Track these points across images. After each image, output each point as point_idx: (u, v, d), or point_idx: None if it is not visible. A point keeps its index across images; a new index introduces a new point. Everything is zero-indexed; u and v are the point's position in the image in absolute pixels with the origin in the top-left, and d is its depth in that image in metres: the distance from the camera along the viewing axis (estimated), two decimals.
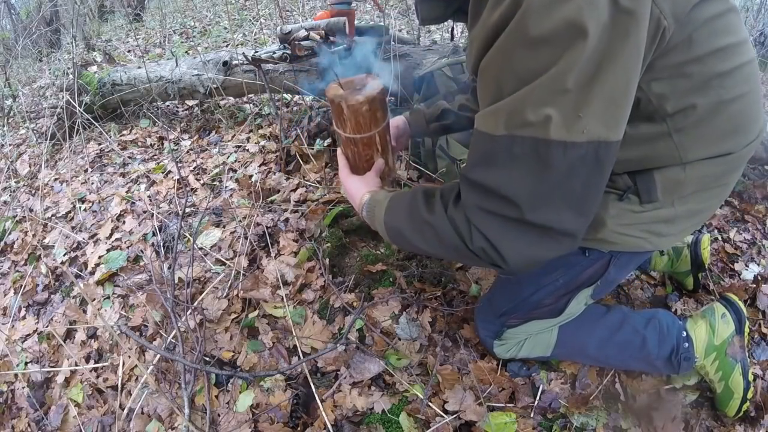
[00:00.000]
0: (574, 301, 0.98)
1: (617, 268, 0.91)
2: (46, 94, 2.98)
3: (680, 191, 0.78)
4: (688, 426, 1.05)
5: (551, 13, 0.54)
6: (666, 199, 0.79)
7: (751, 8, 3.85)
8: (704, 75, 0.68)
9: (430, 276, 1.35)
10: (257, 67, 2.02)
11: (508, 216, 0.63)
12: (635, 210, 0.81)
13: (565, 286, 0.95)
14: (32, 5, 4.74)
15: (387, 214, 0.83)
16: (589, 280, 0.94)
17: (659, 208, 0.80)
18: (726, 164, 0.78)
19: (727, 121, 0.73)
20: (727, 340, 1.04)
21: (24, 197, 2.15)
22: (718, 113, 0.71)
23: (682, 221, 0.83)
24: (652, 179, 0.78)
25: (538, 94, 0.57)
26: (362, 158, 0.97)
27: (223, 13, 4.61)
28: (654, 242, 0.85)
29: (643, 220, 0.81)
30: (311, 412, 1.11)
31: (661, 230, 0.83)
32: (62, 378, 1.32)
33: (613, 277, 0.93)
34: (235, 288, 1.37)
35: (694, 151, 0.74)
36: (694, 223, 0.87)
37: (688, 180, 0.77)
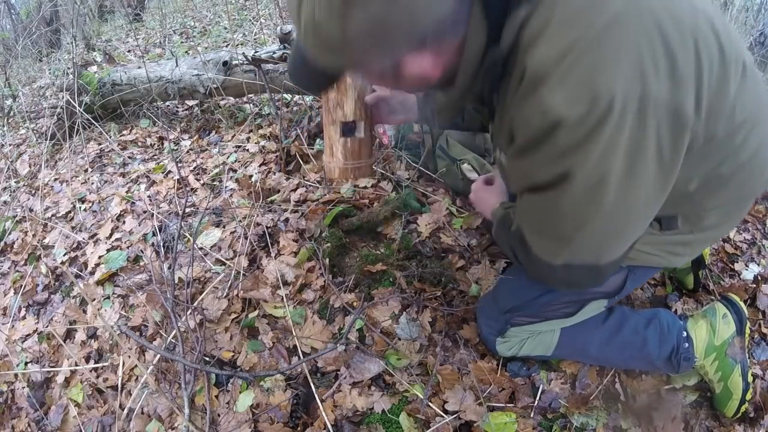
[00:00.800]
0: (588, 307, 1.00)
1: (632, 281, 0.95)
2: (46, 94, 2.98)
3: (700, 224, 0.84)
4: (688, 426, 1.05)
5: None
6: (686, 228, 0.84)
7: (751, 8, 3.85)
8: (722, 154, 0.72)
9: (430, 276, 1.35)
10: (257, 67, 2.02)
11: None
12: (655, 233, 0.85)
13: (578, 294, 0.97)
14: (32, 5, 4.74)
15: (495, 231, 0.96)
16: (605, 294, 0.97)
17: (678, 234, 0.85)
18: (747, 201, 0.86)
19: (745, 176, 0.78)
20: (727, 341, 1.04)
21: (24, 197, 2.15)
22: (735, 175, 0.76)
23: (699, 244, 0.89)
24: (675, 217, 0.83)
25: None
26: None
27: (223, 13, 4.61)
28: (670, 260, 0.90)
29: (662, 242, 0.86)
30: (311, 412, 1.11)
31: (678, 251, 0.88)
32: (62, 378, 1.32)
33: (628, 289, 0.97)
34: (235, 288, 1.37)
35: (715, 202, 0.80)
36: (709, 243, 0.95)
37: (709, 217, 0.82)
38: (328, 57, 0.63)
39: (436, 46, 0.62)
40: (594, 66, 0.56)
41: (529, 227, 0.77)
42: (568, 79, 0.57)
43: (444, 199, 1.56)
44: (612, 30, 0.56)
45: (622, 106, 0.56)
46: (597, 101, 0.56)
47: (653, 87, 0.57)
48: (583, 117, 0.57)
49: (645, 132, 0.58)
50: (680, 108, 0.59)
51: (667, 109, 0.58)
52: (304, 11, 0.58)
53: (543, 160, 0.64)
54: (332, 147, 0.96)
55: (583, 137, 0.58)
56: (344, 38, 0.57)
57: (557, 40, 0.58)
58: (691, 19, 0.60)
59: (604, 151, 0.59)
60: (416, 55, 0.62)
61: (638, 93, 0.56)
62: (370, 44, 0.58)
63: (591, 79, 0.56)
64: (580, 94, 0.57)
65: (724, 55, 0.63)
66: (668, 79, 0.57)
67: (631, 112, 0.57)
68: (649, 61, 0.56)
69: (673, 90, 0.58)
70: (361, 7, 0.54)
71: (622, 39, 0.56)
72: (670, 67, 0.57)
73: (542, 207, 0.71)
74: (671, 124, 0.59)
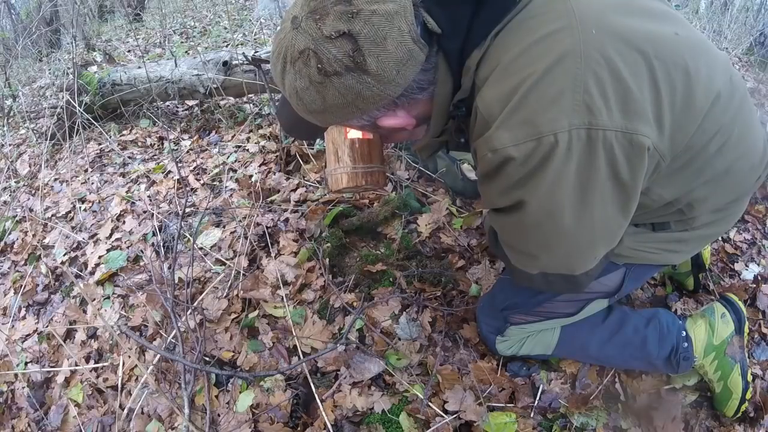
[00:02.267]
0: (589, 306, 1.00)
1: (631, 280, 0.95)
2: (46, 94, 2.98)
3: (693, 224, 0.85)
4: (688, 426, 1.05)
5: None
6: (679, 228, 0.86)
7: (751, 8, 3.85)
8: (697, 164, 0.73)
9: (430, 276, 1.35)
10: (257, 67, 2.02)
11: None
12: (648, 233, 0.87)
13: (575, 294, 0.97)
14: (32, 5, 4.74)
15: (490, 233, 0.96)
16: (605, 293, 0.97)
17: (672, 232, 0.86)
18: (738, 202, 0.86)
19: (729, 181, 0.79)
20: (726, 340, 1.04)
21: (24, 197, 2.15)
22: (717, 182, 0.78)
23: (695, 241, 0.90)
24: (666, 222, 0.86)
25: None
26: None
27: (223, 13, 4.61)
28: (668, 258, 0.91)
29: (658, 240, 0.87)
30: (311, 412, 1.11)
31: (675, 248, 0.89)
32: (62, 378, 1.32)
33: (627, 289, 0.98)
34: (235, 288, 1.37)
35: (703, 208, 0.82)
36: (707, 241, 0.94)
37: (700, 219, 0.84)
38: (310, 117, 0.70)
39: (407, 105, 0.68)
40: (537, 106, 0.60)
41: (502, 240, 0.81)
42: (514, 120, 0.61)
43: (444, 199, 1.56)
44: (556, 69, 0.59)
45: (567, 140, 0.59)
46: (541, 139, 0.60)
47: (602, 119, 0.59)
48: (529, 154, 0.61)
49: (595, 161, 0.61)
50: (635, 135, 0.61)
51: (621, 137, 0.60)
52: (287, 79, 0.65)
53: (498, 190, 0.69)
54: (337, 152, 0.89)
55: (531, 171, 0.62)
56: (323, 105, 0.65)
57: (503, 82, 0.62)
58: (650, 47, 0.62)
59: (553, 182, 0.63)
60: (391, 115, 0.69)
61: (585, 126, 0.59)
62: (347, 110, 0.65)
63: (535, 118, 0.60)
64: (525, 132, 0.60)
65: (688, 73, 0.65)
66: (619, 110, 0.60)
67: (578, 144, 0.60)
68: (597, 94, 0.59)
69: (625, 119, 0.60)
70: (336, 81, 0.61)
71: (566, 76, 0.59)
72: (621, 98, 0.60)
73: (507, 227, 0.77)
74: (626, 150, 0.61)
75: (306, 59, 0.61)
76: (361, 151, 0.88)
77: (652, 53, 0.62)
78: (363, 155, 0.89)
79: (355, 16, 0.59)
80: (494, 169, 0.65)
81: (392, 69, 0.61)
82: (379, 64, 0.60)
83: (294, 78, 0.64)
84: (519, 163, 0.62)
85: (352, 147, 0.88)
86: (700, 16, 3.86)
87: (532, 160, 0.61)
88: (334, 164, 0.90)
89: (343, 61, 0.60)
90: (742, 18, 3.64)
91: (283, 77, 0.66)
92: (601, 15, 0.63)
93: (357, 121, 0.69)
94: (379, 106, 0.66)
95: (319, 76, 0.61)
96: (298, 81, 0.63)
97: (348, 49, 0.59)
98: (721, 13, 3.71)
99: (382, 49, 0.60)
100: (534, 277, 0.78)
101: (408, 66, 0.62)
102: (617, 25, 0.63)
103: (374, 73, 0.61)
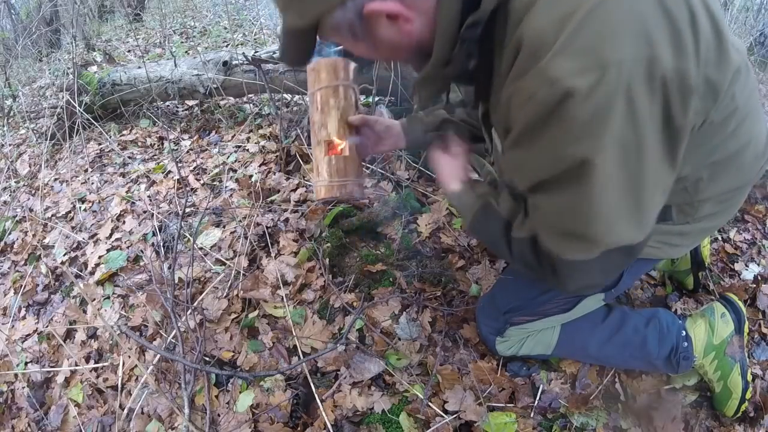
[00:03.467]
0: (585, 301, 0.99)
1: (630, 274, 0.94)
2: (46, 94, 2.98)
3: (695, 215, 0.82)
4: (688, 426, 1.05)
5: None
6: (680, 219, 0.83)
7: (751, 8, 3.85)
8: (714, 141, 0.71)
9: (430, 276, 1.35)
10: (257, 67, 2.01)
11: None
12: None
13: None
14: (32, 5, 4.74)
15: (472, 225, 0.86)
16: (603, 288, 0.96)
17: (674, 224, 0.84)
18: (740, 191, 0.84)
19: (737, 165, 0.77)
20: (726, 340, 1.04)
21: (24, 197, 2.15)
22: (727, 163, 0.75)
23: (695, 234, 0.88)
24: (669, 208, 0.82)
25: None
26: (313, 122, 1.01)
27: (223, 13, 4.61)
28: (667, 251, 0.89)
29: (658, 232, 0.83)
30: (311, 412, 1.11)
31: (675, 241, 0.87)
32: (62, 378, 1.32)
33: (625, 283, 0.96)
34: (235, 288, 1.37)
35: (709, 192, 0.79)
36: (706, 234, 0.93)
37: (703, 207, 0.81)
38: (292, 11, 0.62)
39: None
40: (599, 32, 0.53)
41: (555, 232, 0.67)
42: (574, 47, 0.53)
43: (444, 199, 1.56)
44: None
45: (630, 70, 0.53)
46: (607, 69, 0.52)
47: (660, 53, 0.54)
48: (595, 86, 0.53)
49: (655, 95, 0.55)
50: (685, 74, 0.56)
51: (675, 74, 0.55)
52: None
53: (554, 147, 0.58)
54: (318, 167, 1.00)
55: (598, 110, 0.54)
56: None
57: (555, 8, 0.55)
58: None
59: (623, 122, 0.55)
60: (379, 4, 0.59)
61: (646, 56, 0.53)
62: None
63: (597, 47, 0.53)
64: (588, 61, 0.53)
65: (720, 37, 0.61)
66: (672, 46, 0.55)
67: (641, 76, 0.54)
68: (654, 27, 0.54)
69: (677, 56, 0.55)
70: None
71: (624, 5, 0.54)
72: (672, 34, 0.55)
73: (567, 204, 0.62)
74: (679, 88, 0.56)
75: None
76: (336, 166, 0.98)
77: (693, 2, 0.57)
78: (339, 170, 0.98)
79: None
80: (550, 113, 0.55)
81: None
82: None
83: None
84: (583, 98, 0.53)
85: (329, 163, 0.98)
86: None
87: (596, 95, 0.53)
88: (315, 177, 1.01)
89: None
90: (742, 18, 3.64)
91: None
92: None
93: (342, 14, 0.61)
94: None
95: None
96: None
97: None
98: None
99: None
100: (590, 265, 0.66)
101: None
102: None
103: None
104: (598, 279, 0.71)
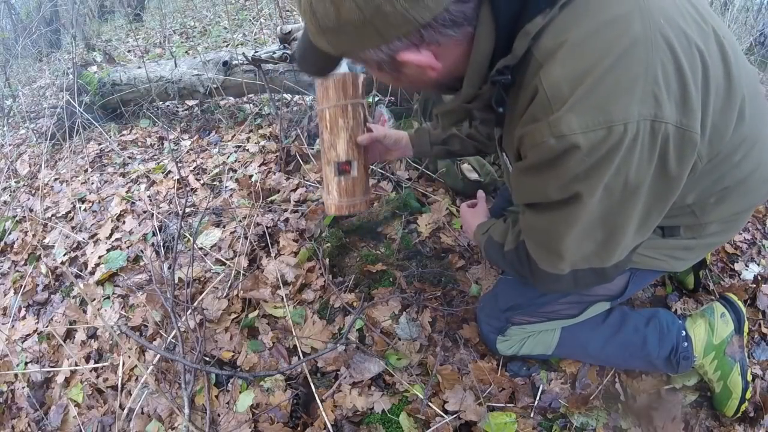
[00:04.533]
0: (591, 308, 1.00)
1: (635, 284, 0.96)
2: (46, 94, 2.98)
3: (702, 233, 0.85)
4: (688, 426, 1.05)
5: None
6: (687, 235, 0.86)
7: (751, 8, 3.85)
8: (721, 170, 0.73)
9: (430, 276, 1.35)
10: (257, 67, 2.02)
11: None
12: (657, 239, 0.87)
13: (580, 295, 0.97)
14: (32, 5, 4.74)
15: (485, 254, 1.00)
16: (609, 296, 0.98)
17: (681, 239, 0.86)
18: (747, 212, 0.87)
19: (745, 190, 0.79)
20: (726, 340, 1.04)
21: (24, 197, 2.15)
22: (734, 190, 0.78)
23: (701, 249, 0.90)
24: (677, 227, 0.85)
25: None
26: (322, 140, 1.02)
27: (223, 13, 4.61)
28: (672, 264, 0.91)
29: (665, 246, 0.87)
30: (311, 412, 1.11)
31: (681, 255, 0.89)
32: (62, 378, 1.32)
33: (630, 292, 0.98)
34: (235, 288, 1.37)
35: (716, 215, 0.82)
36: (711, 248, 0.95)
37: (710, 227, 0.84)
38: (323, 40, 0.62)
39: (435, 45, 0.60)
40: (611, 92, 0.56)
41: (533, 243, 0.77)
42: (585, 105, 0.56)
43: (444, 199, 1.56)
44: (629, 55, 0.56)
45: (635, 131, 0.57)
46: (613, 128, 0.56)
47: (666, 111, 0.57)
48: (598, 143, 0.57)
49: (653, 151, 0.59)
50: (688, 132, 0.59)
51: (676, 132, 0.58)
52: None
53: (554, 182, 0.63)
54: (328, 185, 1.02)
55: (596, 163, 0.59)
56: (338, 22, 0.57)
57: (574, 62, 0.57)
58: (703, 45, 0.61)
59: (615, 174, 0.60)
60: (413, 51, 0.60)
61: (651, 117, 0.57)
62: (364, 31, 0.57)
63: (607, 106, 0.56)
64: (597, 120, 0.56)
65: (731, 80, 0.64)
66: (678, 104, 0.58)
67: (643, 136, 0.57)
68: (663, 84, 0.57)
69: (682, 114, 0.58)
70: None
71: (639, 64, 0.56)
72: (681, 92, 0.58)
73: (549, 224, 0.71)
74: (678, 145, 0.60)
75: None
76: (346, 187, 1.01)
77: (706, 51, 0.60)
78: (348, 191, 1.01)
79: None
80: (554, 159, 0.60)
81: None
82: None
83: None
84: (584, 154, 0.58)
85: (339, 184, 1.01)
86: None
87: (599, 150, 0.57)
88: (326, 194, 1.05)
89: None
90: (742, 18, 3.64)
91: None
92: (664, 2, 0.61)
93: (374, 53, 0.61)
94: (401, 33, 0.57)
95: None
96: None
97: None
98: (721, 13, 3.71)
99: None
100: (563, 277, 0.75)
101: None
102: (677, 16, 0.60)
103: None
104: (569, 288, 0.80)
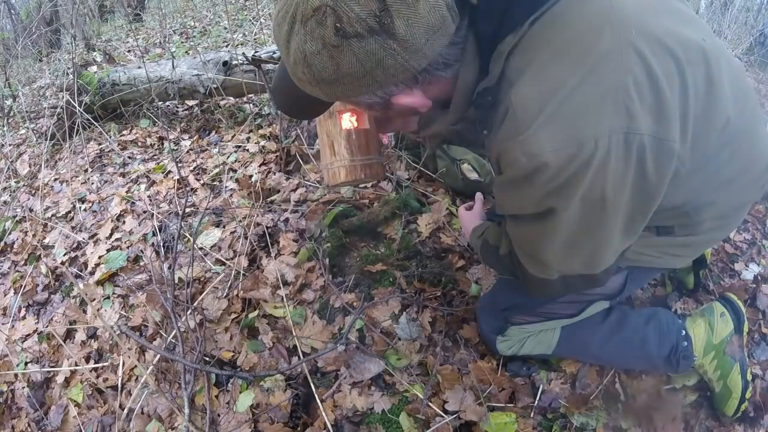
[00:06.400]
0: (590, 308, 1.00)
1: (633, 282, 0.96)
2: (46, 94, 2.98)
3: (696, 229, 0.84)
4: (688, 426, 1.05)
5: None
6: (682, 232, 0.85)
7: (751, 8, 3.85)
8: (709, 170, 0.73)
9: (430, 276, 1.35)
10: (257, 67, 2.02)
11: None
12: (652, 236, 0.86)
13: (579, 295, 0.97)
14: (32, 5, 4.74)
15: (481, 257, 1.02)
16: (607, 295, 0.97)
17: (676, 236, 0.85)
18: (741, 209, 0.87)
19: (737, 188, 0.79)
20: (725, 339, 1.04)
21: (24, 197, 2.15)
22: (725, 188, 0.77)
23: (699, 245, 0.89)
24: (671, 226, 0.85)
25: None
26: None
27: (223, 13, 4.60)
28: (670, 261, 0.90)
29: (661, 244, 0.87)
30: (311, 412, 1.11)
31: (678, 252, 0.89)
32: (62, 378, 1.32)
33: (629, 291, 0.98)
34: (235, 288, 1.37)
35: (710, 213, 0.81)
36: (709, 245, 0.95)
37: (704, 223, 0.83)
38: (316, 89, 0.61)
39: (427, 84, 0.61)
40: (579, 109, 0.57)
41: (520, 251, 0.79)
42: (554, 124, 0.57)
43: (444, 199, 1.56)
44: (597, 71, 0.57)
45: (607, 146, 0.57)
46: (583, 146, 0.57)
47: (639, 123, 0.57)
48: (568, 161, 0.57)
49: (629, 163, 0.59)
50: (665, 141, 0.60)
51: (653, 141, 0.59)
52: (294, 42, 0.56)
53: (528, 198, 0.65)
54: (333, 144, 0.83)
55: (567, 180, 0.59)
56: (336, 75, 0.56)
57: (542, 80, 0.58)
58: (681, 51, 0.61)
59: (588, 188, 0.60)
60: (407, 94, 0.62)
61: (624, 129, 0.57)
62: (362, 81, 0.57)
63: (576, 123, 0.57)
64: (566, 139, 0.57)
65: (712, 83, 0.64)
66: (653, 114, 0.58)
67: (616, 150, 0.58)
68: (636, 97, 0.57)
69: (658, 124, 0.59)
70: (355, 44, 0.53)
71: (608, 79, 0.57)
72: (655, 102, 0.58)
73: (530, 235, 0.73)
74: (656, 154, 0.60)
75: (321, 17, 0.52)
76: (358, 142, 0.83)
77: (684, 58, 0.60)
78: (360, 147, 0.83)
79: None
80: (525, 176, 0.61)
81: (422, 36, 0.54)
82: (408, 29, 0.52)
83: (303, 40, 0.55)
84: (554, 171, 0.58)
85: (348, 139, 0.82)
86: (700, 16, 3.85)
87: (569, 168, 0.58)
88: (330, 158, 0.84)
89: (367, 22, 0.51)
90: (742, 18, 3.64)
91: (288, 40, 0.56)
92: (639, 12, 0.61)
93: (368, 97, 0.61)
94: (398, 81, 0.58)
95: (335, 38, 0.53)
96: (309, 44, 0.54)
97: (374, 7, 0.51)
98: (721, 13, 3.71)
99: (414, 11, 0.52)
100: (553, 283, 0.77)
101: (438, 36, 0.55)
102: (652, 25, 0.61)
103: (402, 38, 0.53)
104: (560, 293, 0.81)
